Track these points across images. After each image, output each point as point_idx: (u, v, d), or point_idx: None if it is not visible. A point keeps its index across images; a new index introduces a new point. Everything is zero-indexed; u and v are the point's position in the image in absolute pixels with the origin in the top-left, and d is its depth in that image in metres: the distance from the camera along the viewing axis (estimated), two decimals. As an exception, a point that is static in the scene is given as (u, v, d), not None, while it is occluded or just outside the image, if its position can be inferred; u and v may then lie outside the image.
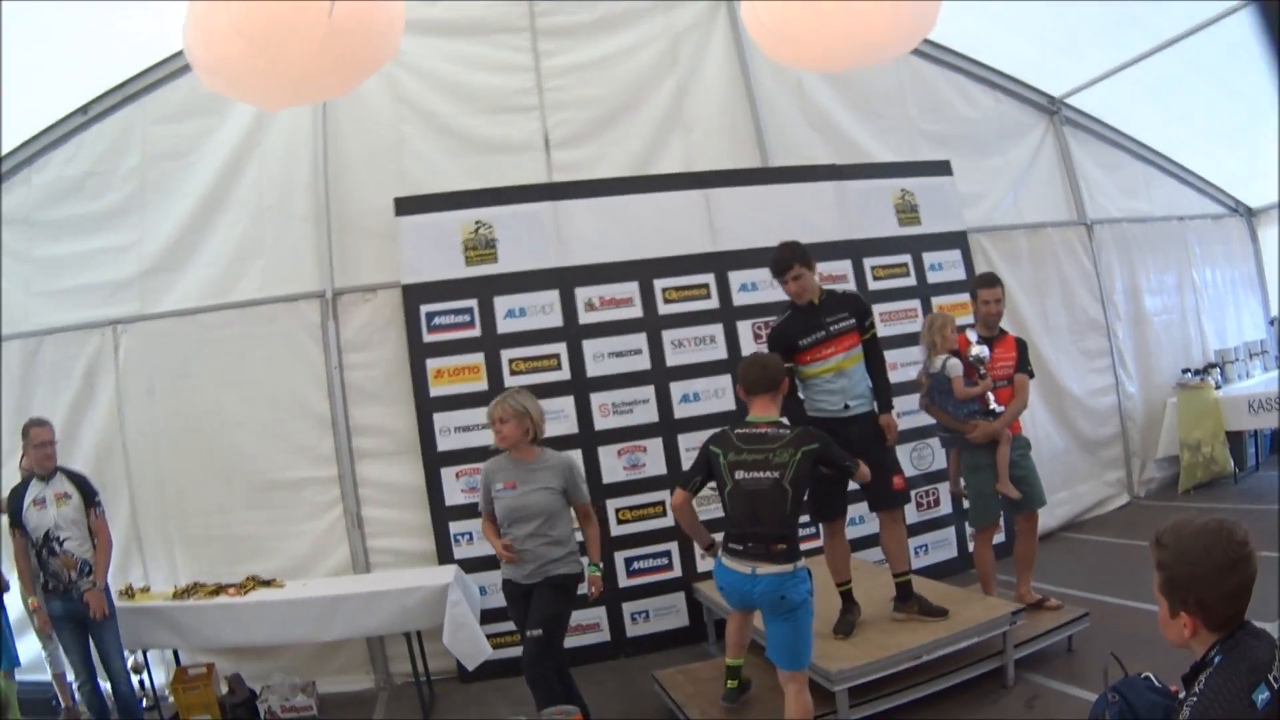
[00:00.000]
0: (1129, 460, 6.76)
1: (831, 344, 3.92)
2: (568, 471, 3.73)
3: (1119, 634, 4.14)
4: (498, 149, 5.44)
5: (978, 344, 4.43)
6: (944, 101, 6.27)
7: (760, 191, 5.52)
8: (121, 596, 4.75)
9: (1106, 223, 6.78)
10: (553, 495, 3.66)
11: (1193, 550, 1.56)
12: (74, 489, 4.23)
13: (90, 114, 5.38)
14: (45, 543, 4.09)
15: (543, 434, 3.74)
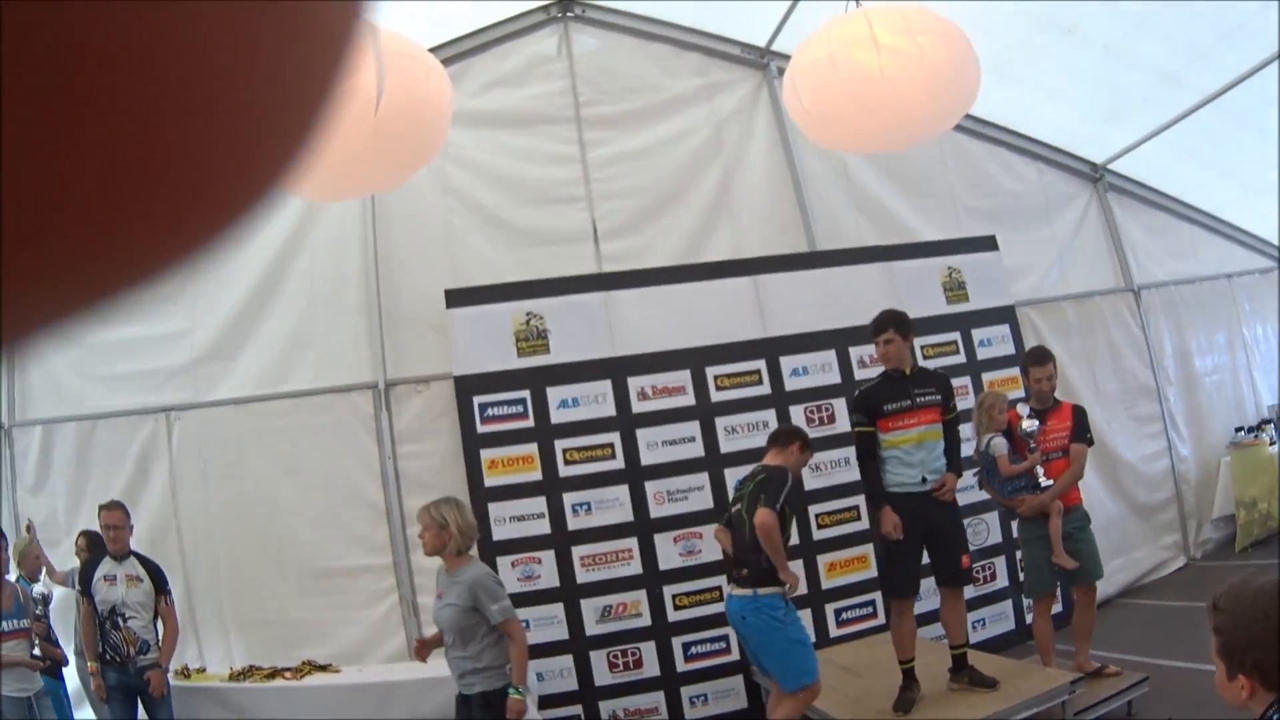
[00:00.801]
0: (1184, 522, 6.65)
1: (915, 414, 4.00)
2: (475, 589, 3.50)
3: (1179, 697, 4.10)
4: (547, 240, 5.49)
5: (1029, 418, 4.42)
6: (987, 176, 6.27)
7: (808, 276, 5.54)
8: (178, 676, 4.83)
9: (1154, 287, 6.72)
10: (459, 612, 3.47)
11: (1250, 614, 1.53)
12: (146, 575, 4.39)
13: None
14: (110, 616, 4.25)
15: (468, 547, 3.58)
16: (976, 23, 4.66)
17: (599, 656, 5.12)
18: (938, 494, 4.07)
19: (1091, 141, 6.54)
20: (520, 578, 5.11)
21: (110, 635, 4.24)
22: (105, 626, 4.24)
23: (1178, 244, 6.97)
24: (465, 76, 5.45)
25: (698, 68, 5.83)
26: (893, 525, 3.96)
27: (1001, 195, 6.26)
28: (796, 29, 5.41)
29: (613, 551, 5.18)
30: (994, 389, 5.11)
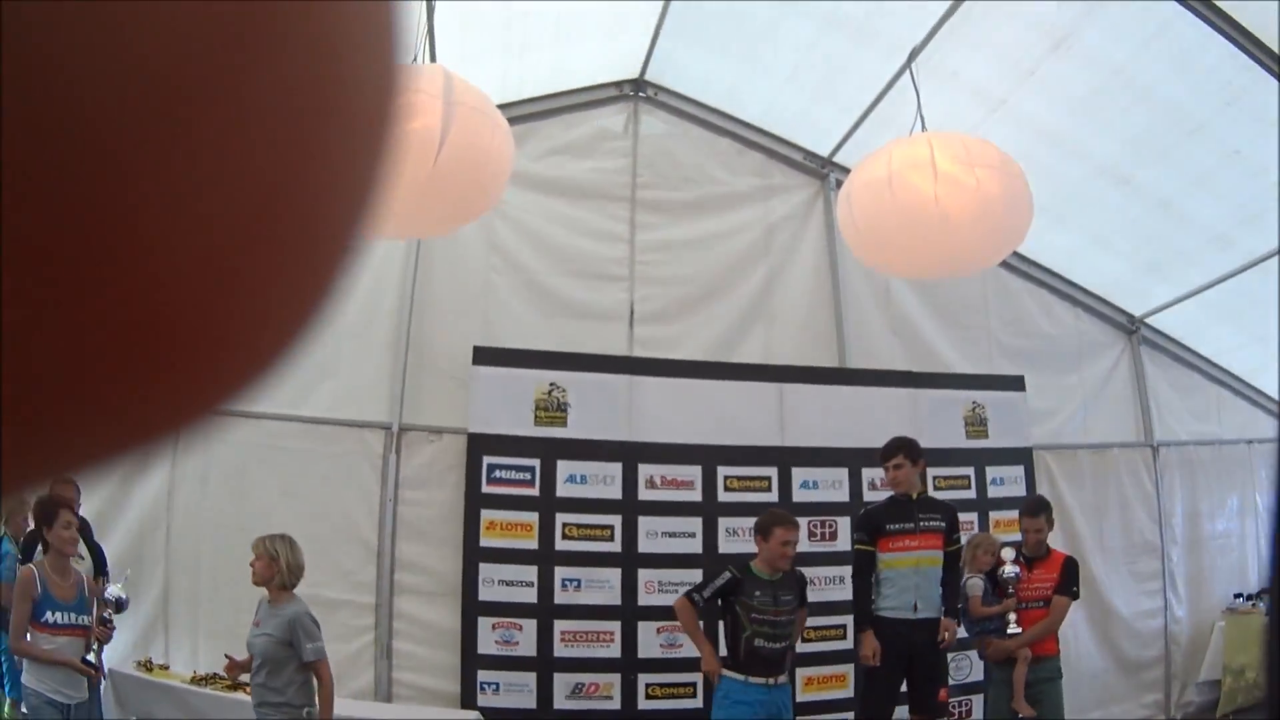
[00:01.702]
0: (1169, 682, 6.58)
1: (916, 538, 4.07)
2: (294, 625, 3.65)
3: None
4: (582, 313, 5.52)
5: (1012, 563, 4.40)
6: (1025, 315, 6.28)
7: (834, 391, 5.55)
8: (139, 668, 4.85)
9: (1173, 445, 6.69)
10: (273, 644, 3.60)
11: None
12: (88, 554, 4.34)
13: None
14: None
15: (293, 584, 3.75)
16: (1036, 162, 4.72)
17: (563, 731, 5.10)
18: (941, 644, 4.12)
19: (1132, 293, 6.54)
20: (498, 640, 5.12)
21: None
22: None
23: (1204, 404, 6.94)
24: (529, 139, 5.50)
25: (758, 168, 5.88)
26: (871, 651, 4.01)
27: (1037, 336, 6.27)
28: (860, 144, 5.47)
29: (594, 631, 5.18)
30: (986, 533, 5.11)
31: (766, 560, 3.99)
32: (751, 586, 3.94)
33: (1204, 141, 5.41)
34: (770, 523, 4.03)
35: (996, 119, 5.48)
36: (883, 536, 4.10)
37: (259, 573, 3.79)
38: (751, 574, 3.98)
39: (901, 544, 4.08)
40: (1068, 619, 6.01)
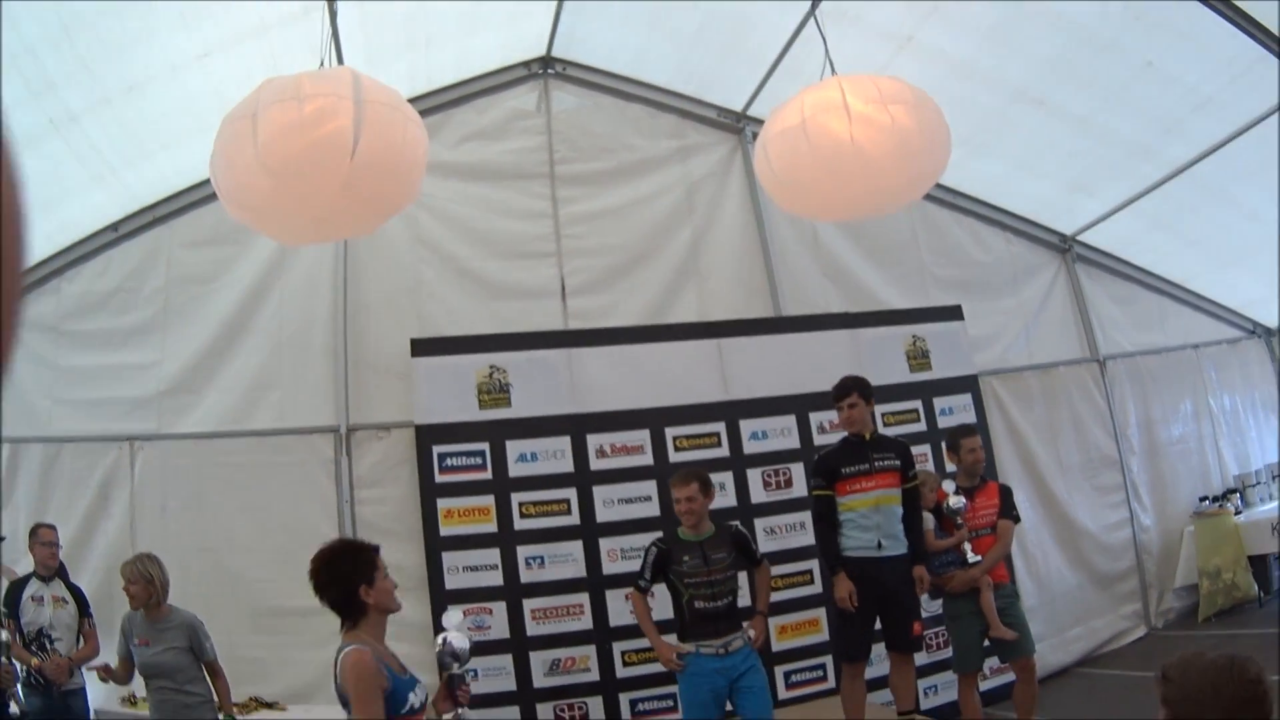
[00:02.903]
0: (1145, 592, 6.66)
1: (873, 478, 4.07)
2: (191, 632, 4.03)
3: None
4: (514, 294, 5.54)
5: (955, 494, 4.46)
6: (957, 246, 6.34)
7: (772, 340, 5.58)
8: (124, 704, 4.83)
9: (1120, 357, 6.77)
10: (181, 653, 3.94)
11: (1199, 687, 1.48)
12: (71, 598, 4.39)
13: (120, 232, 5.53)
14: (37, 638, 4.21)
15: (165, 598, 4.04)
16: (949, 95, 4.75)
17: (546, 709, 5.12)
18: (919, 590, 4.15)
19: (1061, 213, 6.61)
20: (470, 627, 5.10)
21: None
22: (30, 649, 4.20)
23: (1145, 315, 7.03)
24: (443, 128, 5.52)
25: (673, 129, 5.91)
26: (846, 593, 4.00)
27: (969, 265, 6.33)
28: (773, 95, 5.50)
29: (564, 606, 5.19)
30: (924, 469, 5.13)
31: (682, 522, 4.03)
32: (680, 552, 3.94)
33: (1116, 57, 5.46)
34: (670, 485, 4.09)
35: (906, 56, 5.51)
36: (839, 480, 4.09)
37: (138, 596, 3.98)
38: (679, 540, 3.99)
39: (859, 485, 4.07)
40: (1036, 541, 6.12)
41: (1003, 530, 4.52)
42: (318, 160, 3.31)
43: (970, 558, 4.38)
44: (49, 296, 5.59)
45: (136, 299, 5.52)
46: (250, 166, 3.34)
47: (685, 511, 3.96)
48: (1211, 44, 5.18)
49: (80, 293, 5.55)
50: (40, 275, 5.54)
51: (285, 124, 3.26)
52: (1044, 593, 6.07)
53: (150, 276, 5.54)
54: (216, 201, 5.51)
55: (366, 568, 2.53)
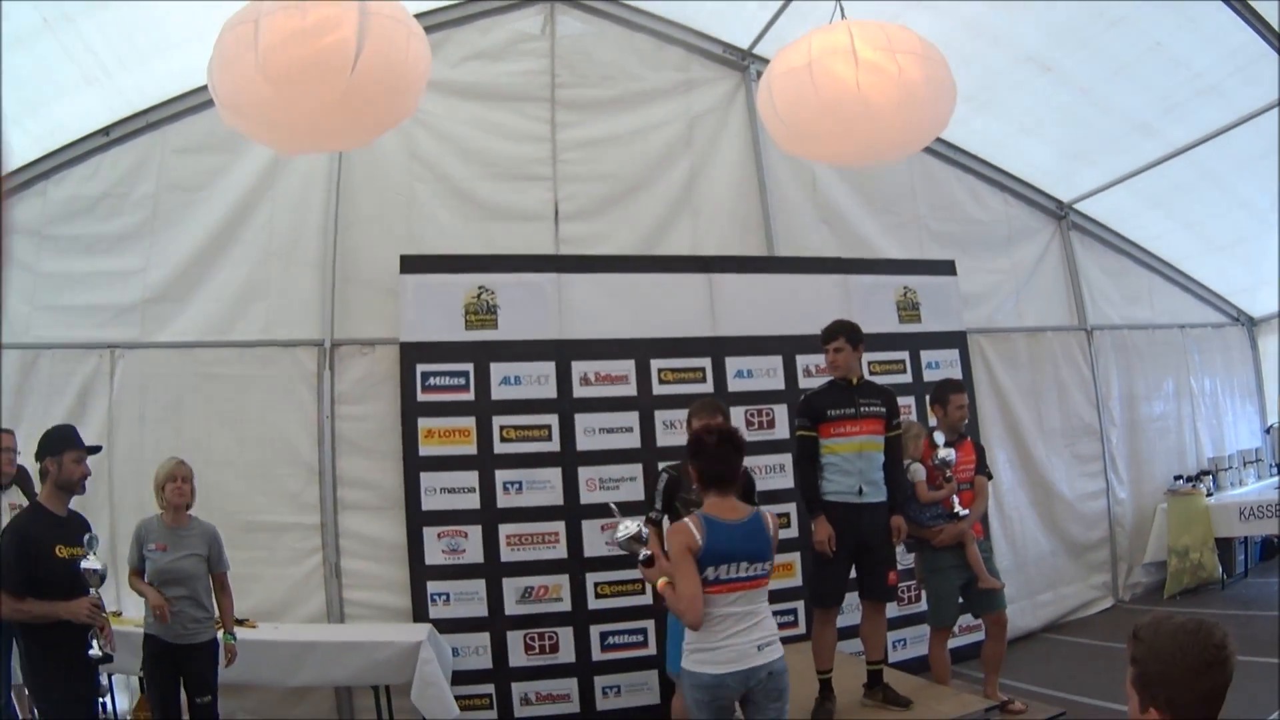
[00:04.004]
0: (1115, 564, 6.74)
1: (858, 423, 3.98)
2: (212, 540, 3.99)
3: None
4: (507, 215, 5.48)
5: (945, 448, 4.41)
6: (954, 202, 6.33)
7: (764, 280, 5.56)
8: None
9: (1107, 329, 6.80)
10: (200, 562, 3.90)
11: (1168, 647, 1.54)
12: (28, 502, 4.15)
13: (111, 136, 5.41)
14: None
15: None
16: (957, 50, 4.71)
17: (515, 637, 5.10)
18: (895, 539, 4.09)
19: (1059, 179, 6.62)
20: (445, 550, 5.10)
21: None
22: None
23: (1134, 289, 7.07)
24: (445, 46, 5.43)
25: (678, 63, 5.85)
26: (826, 537, 3.93)
27: (966, 222, 6.32)
28: (780, 35, 5.46)
29: (539, 533, 5.17)
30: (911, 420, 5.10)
31: None
32: (690, 482, 3.72)
33: (1126, 33, 5.45)
34: (690, 414, 3.98)
35: (917, 8, 5.45)
36: (824, 422, 4.01)
37: (187, 494, 3.91)
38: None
39: (843, 429, 4.00)
40: (1013, 504, 6.17)
41: (980, 486, 4.55)
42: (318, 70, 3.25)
43: (959, 510, 4.37)
44: (34, 200, 5.47)
45: (124, 204, 5.42)
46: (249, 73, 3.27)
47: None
48: (1219, 33, 5.21)
49: (67, 197, 5.44)
50: (26, 178, 5.44)
51: (287, 31, 3.19)
52: (1017, 555, 6.11)
53: (140, 182, 5.43)
54: (211, 109, 5.41)
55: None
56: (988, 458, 4.78)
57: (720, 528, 2.84)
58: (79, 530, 3.35)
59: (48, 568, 3.17)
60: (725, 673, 2.82)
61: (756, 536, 2.88)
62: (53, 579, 3.18)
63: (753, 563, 2.85)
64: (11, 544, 3.19)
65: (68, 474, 3.36)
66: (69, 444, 3.41)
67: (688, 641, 2.93)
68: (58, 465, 3.32)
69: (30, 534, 3.23)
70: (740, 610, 2.85)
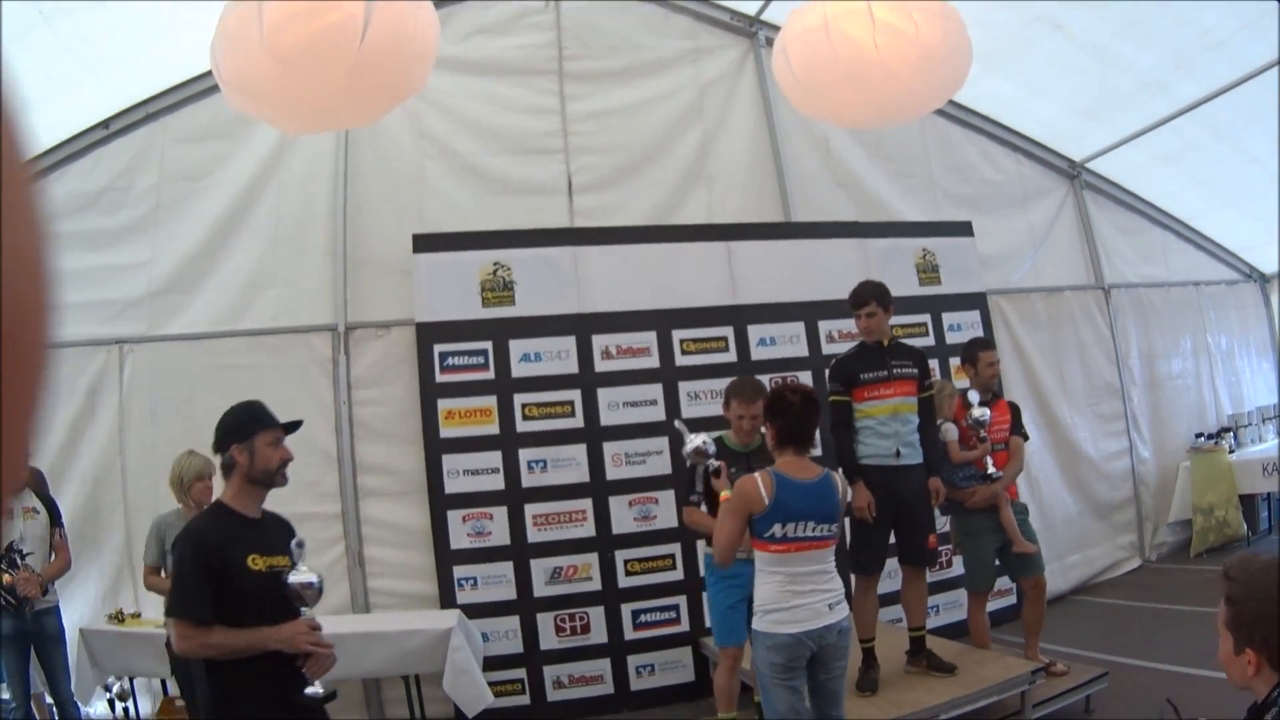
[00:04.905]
0: (1141, 524, 6.70)
1: (891, 385, 3.93)
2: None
3: (1136, 695, 4.11)
4: (519, 190, 5.40)
5: (979, 406, 4.33)
6: (968, 163, 6.28)
7: (783, 246, 5.49)
8: (111, 621, 4.65)
9: (1124, 287, 6.77)
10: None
11: (1262, 585, 1.49)
12: (43, 507, 4.12)
13: (111, 129, 5.33)
14: (6, 554, 3.95)
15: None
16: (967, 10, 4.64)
17: (546, 619, 5.01)
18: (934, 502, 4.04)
19: (1070, 139, 6.58)
20: (470, 533, 5.01)
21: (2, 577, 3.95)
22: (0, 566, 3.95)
23: (1149, 247, 7.03)
24: (450, 22, 5.33)
25: (685, 31, 5.78)
26: (866, 503, 3.85)
27: (980, 183, 6.28)
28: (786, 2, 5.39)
29: (566, 512, 5.09)
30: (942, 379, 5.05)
31: (734, 432, 3.84)
32: (727, 461, 3.70)
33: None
34: (728, 394, 3.88)
35: (924, -31, 5.42)
36: (857, 386, 3.95)
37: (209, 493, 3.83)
38: (726, 448, 3.77)
39: (877, 392, 3.93)
40: (1040, 465, 6.10)
41: (1015, 447, 4.45)
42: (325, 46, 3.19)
43: (992, 472, 4.30)
44: None
45: (127, 197, 5.32)
46: (254, 51, 3.20)
47: (746, 429, 3.78)
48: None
49: (68, 193, 5.34)
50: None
51: (293, 8, 3.13)
52: (1045, 518, 6.04)
53: (142, 174, 5.34)
54: (212, 96, 5.37)
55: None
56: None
57: (791, 486, 2.85)
58: (279, 534, 2.60)
59: (240, 585, 2.39)
60: (801, 632, 2.84)
61: (826, 497, 2.89)
62: (247, 600, 2.39)
63: (820, 523, 2.86)
64: (189, 558, 2.40)
65: (263, 462, 2.51)
66: (261, 422, 2.57)
67: (760, 604, 2.95)
68: (248, 453, 2.49)
69: (213, 543, 2.41)
70: (811, 569, 2.87)
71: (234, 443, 2.50)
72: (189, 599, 2.36)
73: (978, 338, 4.99)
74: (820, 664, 2.92)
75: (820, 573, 2.89)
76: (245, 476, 2.50)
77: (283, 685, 2.41)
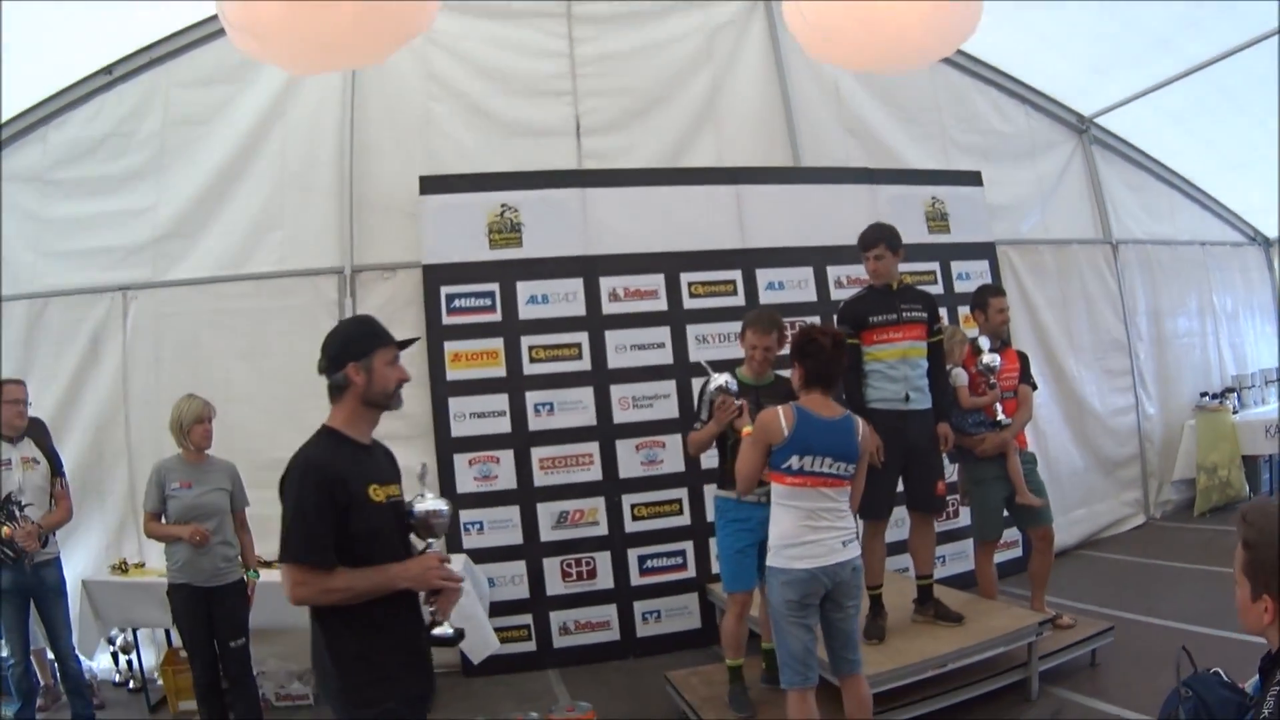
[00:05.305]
0: (1146, 481, 6.70)
1: (900, 329, 3.89)
2: (234, 475, 3.91)
3: (1140, 650, 4.10)
4: (527, 132, 5.36)
5: (990, 352, 4.28)
6: (977, 114, 6.26)
7: (792, 190, 5.46)
8: (114, 571, 4.61)
9: (1131, 243, 6.75)
10: (225, 496, 3.82)
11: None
12: (42, 456, 4.04)
13: (114, 75, 5.27)
14: (5, 505, 3.88)
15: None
16: None
17: (552, 564, 4.99)
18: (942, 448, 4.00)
19: (1080, 93, 6.55)
20: (476, 477, 4.98)
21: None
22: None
23: (1156, 205, 7.02)
24: (456, -37, 5.30)
25: (694, -27, 5.74)
26: (874, 448, 3.68)
27: (989, 134, 6.26)
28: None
29: (573, 455, 5.06)
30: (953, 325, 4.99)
31: (746, 365, 3.80)
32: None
33: None
34: (744, 324, 3.82)
35: (935, -85, 5.38)
36: (866, 329, 3.89)
37: (208, 435, 3.81)
38: (738, 380, 3.72)
39: (886, 335, 3.88)
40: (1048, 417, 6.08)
41: (1024, 395, 4.42)
42: None
43: (1002, 419, 4.26)
44: (34, 146, 5.35)
45: (130, 143, 5.28)
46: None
47: (759, 360, 3.73)
48: (1239, -53, 5.16)
49: (69, 140, 5.30)
50: (24, 125, 5.29)
51: None
52: (1051, 471, 5.99)
53: (146, 119, 5.29)
54: (217, 40, 5.32)
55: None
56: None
57: (812, 421, 2.89)
58: (388, 461, 2.38)
59: (363, 519, 2.11)
60: (817, 568, 2.86)
61: (846, 437, 2.93)
62: (369, 536, 2.12)
63: (838, 460, 2.90)
64: (311, 492, 2.09)
65: (382, 383, 2.26)
66: (379, 339, 2.31)
67: (775, 539, 2.96)
68: (366, 372, 2.22)
69: (338, 475, 2.11)
70: (826, 505, 2.90)
71: (351, 361, 2.22)
72: (311, 540, 2.06)
73: (987, 284, 4.95)
74: (834, 602, 2.94)
75: (835, 510, 2.92)
76: (361, 399, 2.24)
77: (406, 627, 2.18)
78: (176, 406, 3.85)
